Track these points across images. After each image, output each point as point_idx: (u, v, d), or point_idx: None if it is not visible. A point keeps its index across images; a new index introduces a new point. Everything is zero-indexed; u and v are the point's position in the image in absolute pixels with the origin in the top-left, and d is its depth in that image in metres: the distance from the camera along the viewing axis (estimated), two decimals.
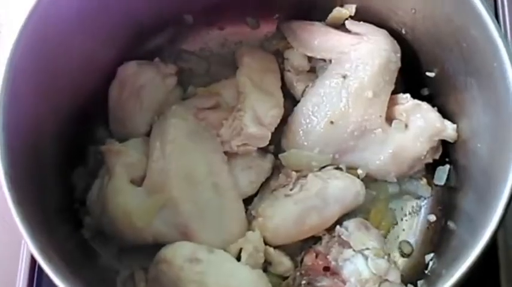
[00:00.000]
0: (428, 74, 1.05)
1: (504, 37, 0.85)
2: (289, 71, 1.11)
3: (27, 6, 0.86)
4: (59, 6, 0.90)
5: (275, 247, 1.00)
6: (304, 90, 1.09)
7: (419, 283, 0.97)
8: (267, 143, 1.04)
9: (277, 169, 1.06)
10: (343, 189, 1.00)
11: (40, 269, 0.77)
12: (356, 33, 1.05)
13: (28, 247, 0.78)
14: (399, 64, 1.03)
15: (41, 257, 0.76)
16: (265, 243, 0.99)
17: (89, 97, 1.05)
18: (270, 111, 1.04)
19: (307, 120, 1.04)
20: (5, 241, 1.04)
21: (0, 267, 1.04)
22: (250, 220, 1.02)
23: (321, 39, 1.07)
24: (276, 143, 1.07)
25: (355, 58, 1.02)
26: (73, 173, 1.04)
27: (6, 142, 0.81)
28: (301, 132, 1.04)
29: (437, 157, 1.05)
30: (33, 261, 1.03)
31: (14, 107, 0.84)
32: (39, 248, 0.77)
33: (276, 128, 1.05)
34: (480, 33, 0.87)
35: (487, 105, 0.90)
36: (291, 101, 1.09)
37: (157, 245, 0.96)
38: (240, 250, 0.97)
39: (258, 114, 1.03)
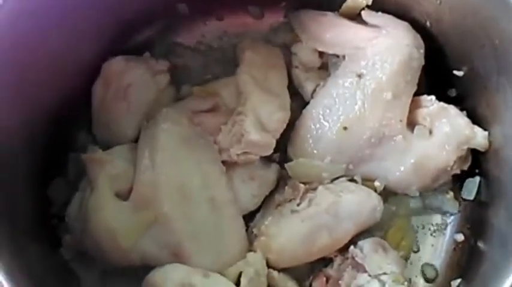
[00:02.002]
0: (456, 73, 1.04)
1: None
2: (297, 67, 1.10)
3: None
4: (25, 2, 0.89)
5: (280, 270, 0.99)
6: (314, 91, 1.08)
7: None
8: (271, 151, 1.03)
9: (282, 180, 1.06)
10: (357, 204, 1.00)
11: None
12: (373, 26, 1.05)
13: None
14: (423, 61, 1.03)
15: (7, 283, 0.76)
16: (269, 266, 0.98)
17: (69, 97, 1.04)
18: (275, 114, 1.03)
19: (318, 125, 1.04)
20: None
21: None
22: (251, 239, 1.01)
23: (333, 32, 1.06)
24: (282, 152, 1.07)
25: (372, 54, 1.02)
26: (50, 184, 1.03)
27: None
28: (310, 139, 1.04)
29: (465, 167, 1.05)
30: None
31: None
32: (7, 274, 0.77)
33: (281, 134, 1.04)
34: None
35: None
36: (299, 102, 1.08)
37: (146, 268, 0.95)
38: (240, 274, 0.97)
39: (261, 118, 1.02)
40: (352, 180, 1.04)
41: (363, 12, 1.06)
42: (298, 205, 1.00)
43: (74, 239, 0.99)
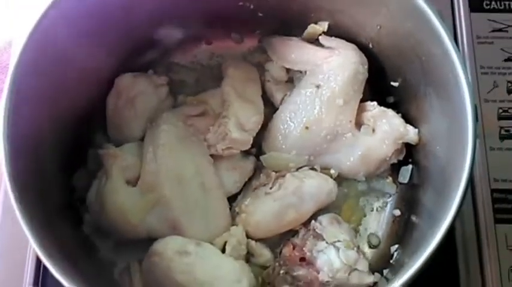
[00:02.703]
0: (392, 83, 1.05)
1: (459, 52, 0.85)
2: (269, 81, 1.11)
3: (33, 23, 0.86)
4: (63, 26, 0.90)
5: (256, 240, 1.01)
6: (283, 99, 1.09)
7: (385, 271, 0.98)
8: (249, 146, 1.05)
9: (258, 169, 1.07)
10: (317, 187, 1.01)
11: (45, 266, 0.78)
12: (328, 48, 1.05)
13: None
14: (367, 75, 1.04)
15: (42, 253, 0.77)
16: (248, 236, 1.00)
17: (89, 106, 1.05)
18: (252, 118, 1.05)
19: (285, 126, 1.04)
20: (13, 240, 1.03)
21: (9, 264, 1.03)
22: (234, 215, 1.02)
23: (297, 53, 1.07)
24: (258, 146, 1.08)
25: (327, 70, 1.02)
26: (74, 174, 1.03)
27: (9, 149, 0.82)
28: (279, 136, 1.05)
29: (401, 157, 1.06)
30: (39, 259, 1.01)
31: (17, 117, 0.84)
32: (40, 245, 0.78)
33: (257, 133, 1.06)
34: (438, 49, 0.88)
35: (443, 112, 0.92)
36: (270, 108, 1.10)
37: (151, 240, 0.96)
38: (225, 243, 0.98)
39: (241, 120, 1.04)
40: (312, 169, 1.04)
41: (320, 37, 1.06)
42: (270, 188, 1.00)
43: (93, 218, 0.99)
